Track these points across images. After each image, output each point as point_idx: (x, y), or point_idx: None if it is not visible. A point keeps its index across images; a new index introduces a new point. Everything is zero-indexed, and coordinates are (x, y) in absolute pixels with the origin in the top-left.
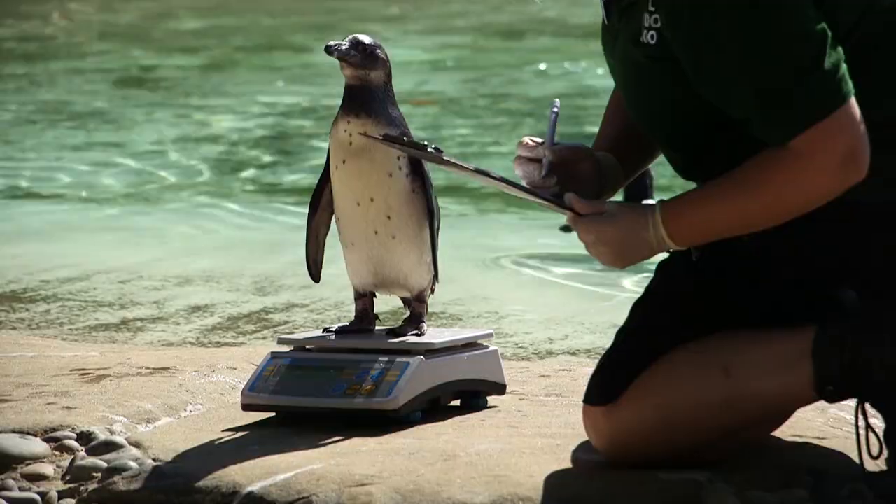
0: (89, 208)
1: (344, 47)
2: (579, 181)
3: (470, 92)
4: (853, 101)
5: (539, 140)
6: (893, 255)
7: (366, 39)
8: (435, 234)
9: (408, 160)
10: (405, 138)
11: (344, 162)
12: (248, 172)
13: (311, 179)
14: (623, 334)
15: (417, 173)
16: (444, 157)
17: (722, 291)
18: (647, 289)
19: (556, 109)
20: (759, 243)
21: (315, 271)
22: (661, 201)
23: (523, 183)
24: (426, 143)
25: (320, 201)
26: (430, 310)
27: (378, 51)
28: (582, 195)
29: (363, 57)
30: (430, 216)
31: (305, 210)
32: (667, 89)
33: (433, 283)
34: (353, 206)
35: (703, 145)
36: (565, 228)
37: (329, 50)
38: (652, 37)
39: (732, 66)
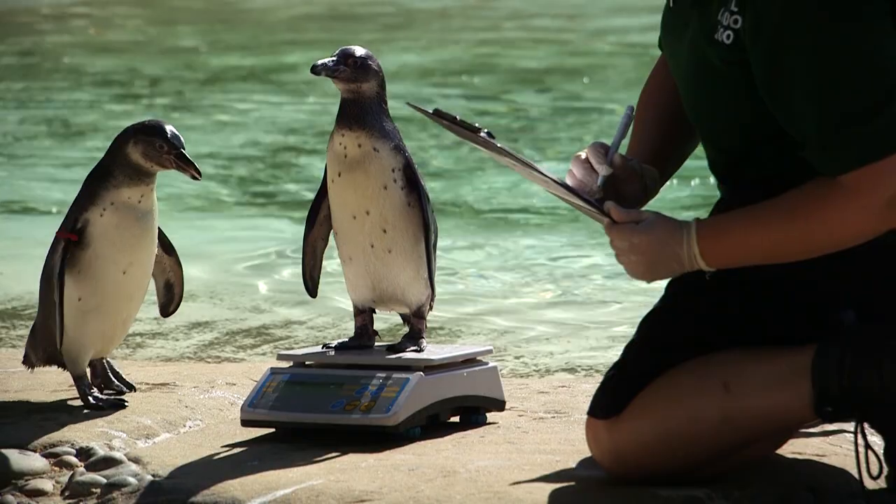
0: None
1: (332, 63)
2: (624, 198)
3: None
4: None
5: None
6: (894, 282)
7: (357, 51)
8: (431, 249)
9: (403, 173)
10: (458, 117)
11: (339, 175)
12: (248, 187)
13: (312, 195)
14: (630, 349)
15: (413, 187)
16: (498, 145)
17: (729, 310)
18: (657, 304)
19: (629, 116)
20: (769, 265)
21: (311, 286)
22: (698, 219)
23: (568, 182)
24: (478, 126)
25: (318, 215)
26: (429, 325)
27: (370, 62)
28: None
29: (353, 70)
30: (426, 230)
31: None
32: (730, 93)
33: (431, 299)
34: (349, 219)
35: (750, 154)
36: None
37: (316, 70)
38: (728, 36)
39: (806, 86)
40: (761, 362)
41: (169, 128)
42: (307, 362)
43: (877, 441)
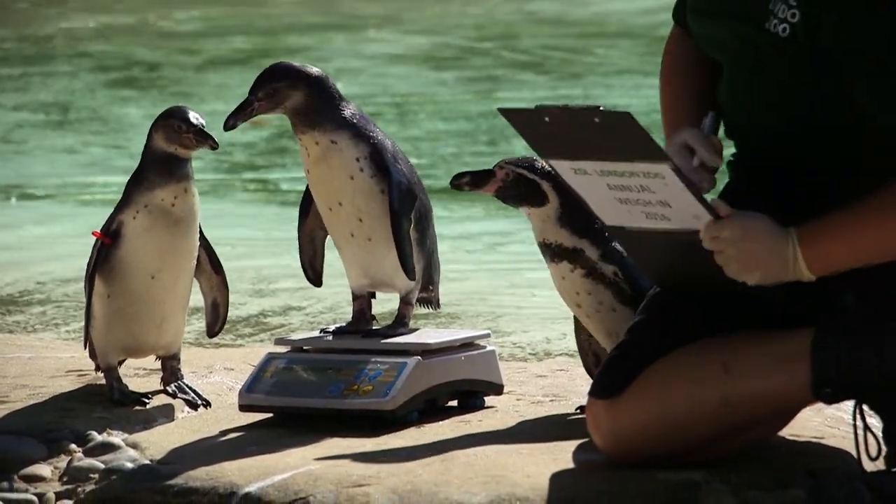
0: (86, 209)
1: (245, 104)
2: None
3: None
4: None
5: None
6: (893, 265)
7: (273, 75)
8: (403, 235)
9: (370, 161)
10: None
11: (309, 171)
12: (247, 173)
13: None
14: (633, 330)
15: (384, 173)
16: (600, 107)
17: (731, 292)
18: (661, 287)
19: (712, 120)
20: None
21: (313, 275)
22: (795, 227)
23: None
24: (588, 104)
25: (311, 207)
26: (429, 310)
27: (284, 82)
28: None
29: (269, 101)
30: (395, 217)
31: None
32: (783, 80)
33: (426, 284)
34: (327, 211)
35: (803, 139)
36: None
37: (227, 126)
38: (784, 29)
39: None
40: (761, 344)
41: (186, 109)
42: (305, 347)
43: (875, 423)
